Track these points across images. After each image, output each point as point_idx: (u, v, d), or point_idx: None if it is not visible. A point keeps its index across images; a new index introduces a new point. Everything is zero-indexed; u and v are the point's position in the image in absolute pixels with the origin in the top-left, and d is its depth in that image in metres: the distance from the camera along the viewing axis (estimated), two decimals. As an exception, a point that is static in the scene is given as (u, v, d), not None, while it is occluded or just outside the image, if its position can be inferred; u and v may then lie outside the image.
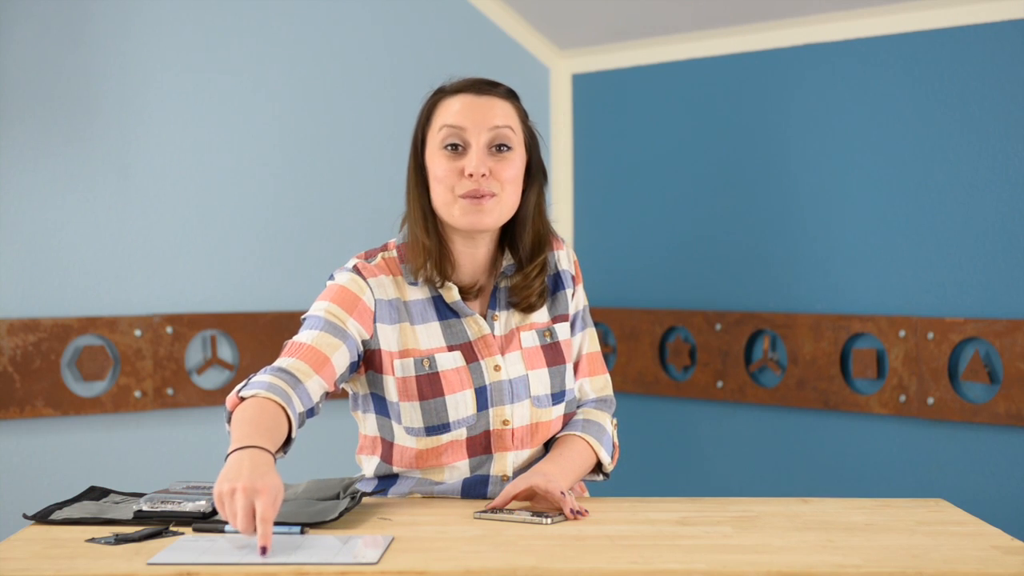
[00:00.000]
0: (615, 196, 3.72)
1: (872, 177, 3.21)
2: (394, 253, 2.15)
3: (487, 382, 2.10)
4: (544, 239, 2.17)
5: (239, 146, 3.41)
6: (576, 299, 2.23)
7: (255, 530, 1.69)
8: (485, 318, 2.14)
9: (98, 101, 3.23)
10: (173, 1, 3.33)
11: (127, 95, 3.26)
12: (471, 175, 2.04)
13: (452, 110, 2.08)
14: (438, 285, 2.11)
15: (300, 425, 1.97)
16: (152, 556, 1.69)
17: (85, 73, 3.21)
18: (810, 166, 3.32)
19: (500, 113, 2.09)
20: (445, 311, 2.12)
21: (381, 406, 2.12)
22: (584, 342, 2.24)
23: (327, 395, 2.04)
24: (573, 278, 2.23)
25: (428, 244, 2.10)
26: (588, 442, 2.15)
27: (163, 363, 3.29)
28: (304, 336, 2.04)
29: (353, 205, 3.55)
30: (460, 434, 2.08)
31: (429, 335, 2.10)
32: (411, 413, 2.07)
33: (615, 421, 2.24)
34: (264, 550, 1.68)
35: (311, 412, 2.00)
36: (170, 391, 3.29)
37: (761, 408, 3.43)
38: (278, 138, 3.47)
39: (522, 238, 2.15)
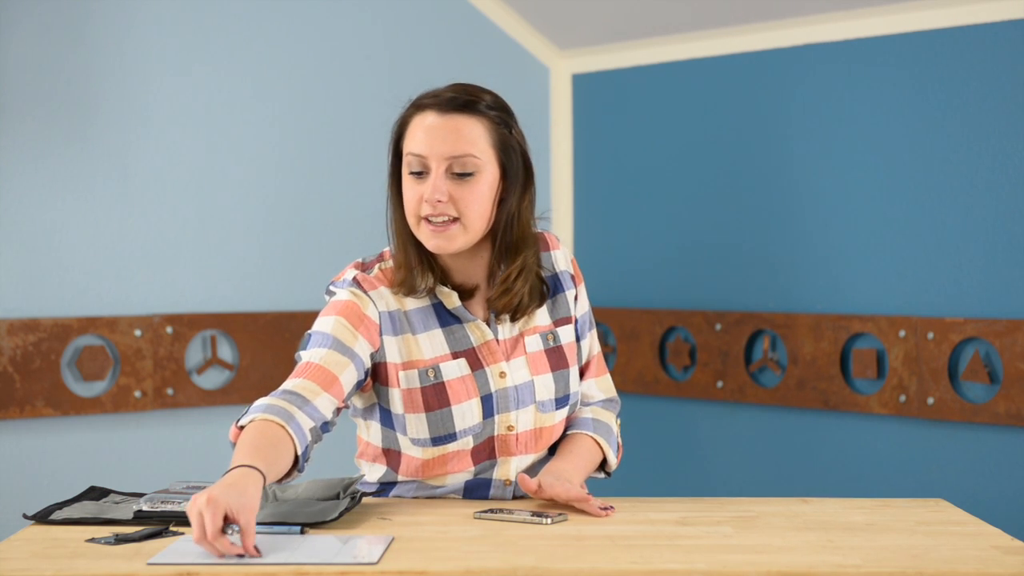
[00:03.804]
0: (615, 196, 3.72)
1: (872, 177, 3.20)
2: (390, 263, 2.13)
3: (492, 390, 2.09)
4: (520, 244, 2.10)
5: (239, 146, 3.41)
6: (580, 301, 2.21)
7: (208, 542, 1.66)
8: (488, 323, 2.12)
9: (98, 101, 3.22)
10: (173, 1, 3.32)
11: (127, 95, 3.26)
12: (427, 201, 2.04)
13: (416, 136, 2.07)
14: (422, 292, 2.09)
15: (316, 440, 1.95)
16: (152, 556, 1.69)
17: (85, 73, 3.21)
18: (810, 166, 3.32)
19: (462, 138, 2.04)
20: (447, 317, 2.10)
21: (386, 418, 2.10)
22: (592, 344, 2.25)
23: (339, 410, 2.02)
24: (573, 278, 2.21)
25: (401, 258, 2.09)
26: (598, 442, 2.17)
27: (163, 363, 3.28)
28: (312, 354, 2.02)
29: (352, 206, 3.55)
30: (466, 443, 2.08)
31: (432, 343, 2.08)
32: (417, 424, 2.06)
33: (619, 421, 2.25)
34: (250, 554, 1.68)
35: (325, 427, 1.98)
36: (170, 391, 3.29)
37: (761, 408, 3.42)
38: (278, 138, 3.47)
39: (505, 246, 2.11)
